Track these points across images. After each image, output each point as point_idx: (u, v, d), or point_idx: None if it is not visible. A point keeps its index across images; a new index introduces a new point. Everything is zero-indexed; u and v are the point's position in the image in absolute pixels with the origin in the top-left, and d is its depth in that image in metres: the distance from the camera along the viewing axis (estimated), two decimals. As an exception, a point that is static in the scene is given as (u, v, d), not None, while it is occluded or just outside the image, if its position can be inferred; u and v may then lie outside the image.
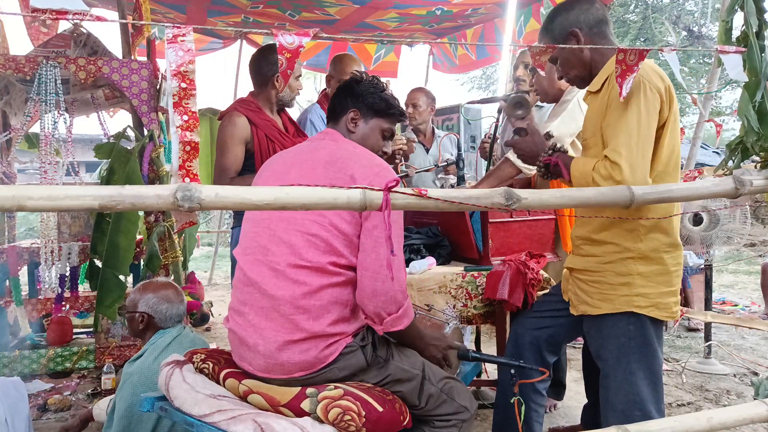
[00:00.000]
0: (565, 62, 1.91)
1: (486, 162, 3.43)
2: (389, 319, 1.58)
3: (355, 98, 1.80)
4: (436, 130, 3.76)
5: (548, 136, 2.34)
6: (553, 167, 1.85)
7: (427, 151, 3.66)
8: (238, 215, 2.59)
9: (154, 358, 2.04)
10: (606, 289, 1.82)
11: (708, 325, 3.91)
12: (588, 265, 1.87)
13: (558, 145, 1.91)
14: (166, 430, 1.99)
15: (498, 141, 3.25)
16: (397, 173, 3.35)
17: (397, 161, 3.13)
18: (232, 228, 2.72)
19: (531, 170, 2.58)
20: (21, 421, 2.08)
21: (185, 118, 2.22)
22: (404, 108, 3.52)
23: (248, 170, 2.52)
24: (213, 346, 2.28)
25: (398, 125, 2.14)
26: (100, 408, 2.38)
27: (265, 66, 2.61)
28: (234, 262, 2.55)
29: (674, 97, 1.77)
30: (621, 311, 1.79)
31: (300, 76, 2.81)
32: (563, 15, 1.89)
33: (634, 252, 1.77)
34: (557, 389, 3.14)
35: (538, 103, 3.18)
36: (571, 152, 2.56)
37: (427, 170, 3.44)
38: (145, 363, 2.04)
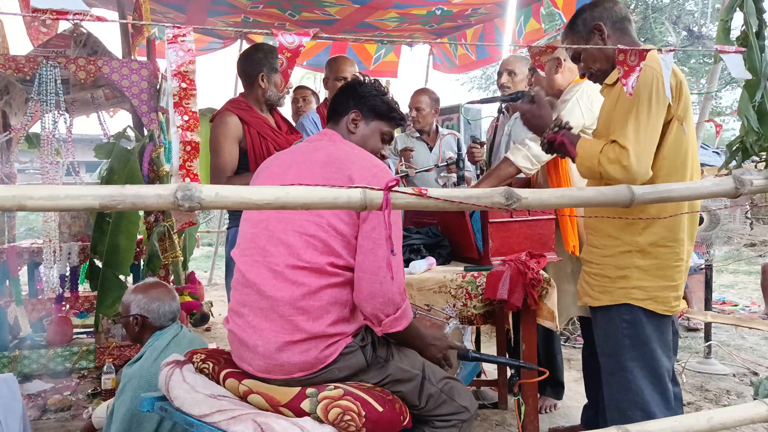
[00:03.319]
0: (589, 56, 1.92)
1: (473, 166, 3.44)
2: (387, 321, 1.57)
3: (357, 99, 1.80)
4: (440, 129, 3.76)
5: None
6: (558, 145, 1.87)
7: (431, 149, 3.67)
8: (234, 216, 2.57)
9: (154, 360, 2.03)
10: (605, 282, 1.86)
11: (708, 325, 3.91)
12: (592, 257, 1.92)
13: (564, 122, 1.93)
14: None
15: (495, 143, 3.25)
16: (397, 173, 3.36)
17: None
18: (227, 228, 2.70)
19: (531, 170, 2.58)
20: (15, 420, 2.06)
21: (185, 118, 2.22)
22: (407, 111, 3.53)
23: (242, 169, 2.51)
24: (213, 346, 2.27)
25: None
26: (99, 416, 2.36)
27: (249, 66, 2.59)
28: (228, 262, 2.55)
29: (685, 93, 1.79)
30: (618, 303, 1.82)
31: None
32: (587, 12, 1.93)
33: (632, 245, 1.81)
34: (556, 389, 3.14)
35: None
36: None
37: (427, 170, 3.44)
38: (144, 365, 2.03)
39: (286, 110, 2.92)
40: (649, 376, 1.81)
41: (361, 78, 1.87)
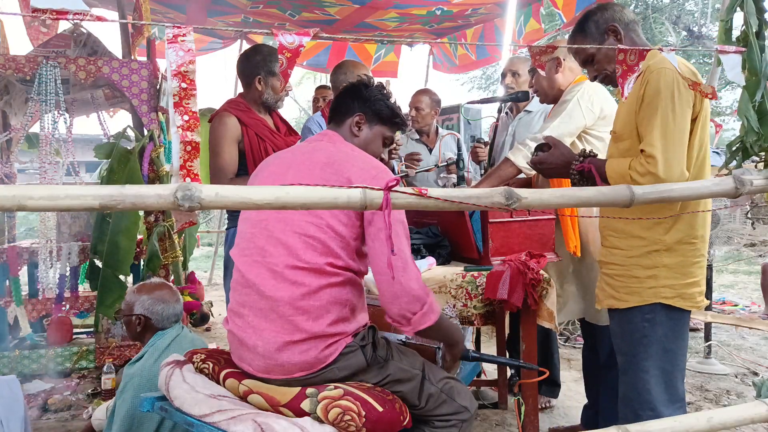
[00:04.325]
0: (605, 58, 1.91)
1: (476, 165, 3.44)
2: (415, 318, 1.57)
3: (363, 102, 1.79)
4: (440, 129, 3.76)
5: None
6: (587, 173, 1.87)
7: (431, 151, 3.67)
8: (233, 216, 2.57)
9: (155, 360, 2.03)
10: (633, 282, 1.84)
11: (708, 325, 3.91)
12: (614, 259, 1.90)
13: (588, 150, 1.93)
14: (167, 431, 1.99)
15: (496, 143, 3.25)
16: (397, 173, 3.35)
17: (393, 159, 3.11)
18: (226, 229, 2.69)
19: (531, 171, 2.58)
20: (16, 422, 2.06)
21: (186, 118, 2.22)
22: (406, 111, 3.53)
23: (240, 170, 2.50)
24: (213, 346, 2.27)
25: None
26: (98, 418, 2.36)
27: (247, 68, 2.58)
28: (227, 262, 2.55)
29: None
30: (646, 303, 1.81)
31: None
32: (598, 14, 1.93)
33: (660, 245, 1.80)
34: (552, 388, 3.14)
35: (527, 108, 3.18)
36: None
37: (427, 170, 3.44)
38: (145, 365, 2.03)
39: (285, 111, 2.91)
40: (663, 375, 1.81)
41: (366, 80, 1.86)
